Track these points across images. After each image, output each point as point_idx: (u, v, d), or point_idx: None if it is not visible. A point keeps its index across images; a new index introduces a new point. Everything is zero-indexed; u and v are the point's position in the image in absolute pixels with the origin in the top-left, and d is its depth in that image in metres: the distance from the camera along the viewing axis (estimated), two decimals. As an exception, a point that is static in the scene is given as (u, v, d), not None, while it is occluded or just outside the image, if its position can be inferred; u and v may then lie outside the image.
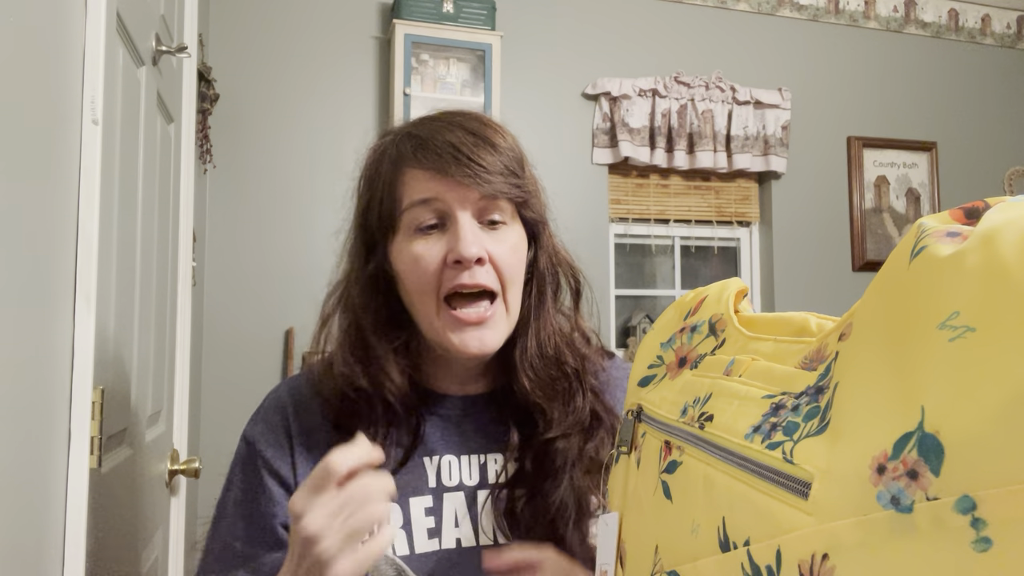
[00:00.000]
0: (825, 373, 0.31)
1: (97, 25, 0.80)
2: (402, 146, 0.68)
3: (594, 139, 2.77)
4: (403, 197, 0.67)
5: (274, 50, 2.47)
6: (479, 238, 0.65)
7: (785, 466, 0.29)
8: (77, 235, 0.78)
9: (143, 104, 1.07)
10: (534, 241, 0.73)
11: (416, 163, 0.66)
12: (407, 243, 0.67)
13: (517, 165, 0.69)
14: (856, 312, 0.30)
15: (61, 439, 0.74)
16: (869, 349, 0.27)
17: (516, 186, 0.67)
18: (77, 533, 0.74)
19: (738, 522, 0.31)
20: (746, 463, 0.31)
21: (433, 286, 0.66)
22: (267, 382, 2.38)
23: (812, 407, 0.30)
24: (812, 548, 0.26)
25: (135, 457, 1.02)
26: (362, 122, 2.53)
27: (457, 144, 0.65)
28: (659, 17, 2.90)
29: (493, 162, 0.66)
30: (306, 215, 2.45)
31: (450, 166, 0.64)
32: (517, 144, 0.70)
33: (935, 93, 3.23)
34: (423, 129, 0.68)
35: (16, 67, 0.62)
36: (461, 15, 2.51)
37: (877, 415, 0.25)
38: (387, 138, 0.72)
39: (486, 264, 0.66)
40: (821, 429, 0.28)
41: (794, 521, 0.27)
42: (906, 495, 0.23)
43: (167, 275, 1.29)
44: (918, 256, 0.26)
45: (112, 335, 0.89)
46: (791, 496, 0.28)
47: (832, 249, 3.01)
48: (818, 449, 0.28)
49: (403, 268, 0.67)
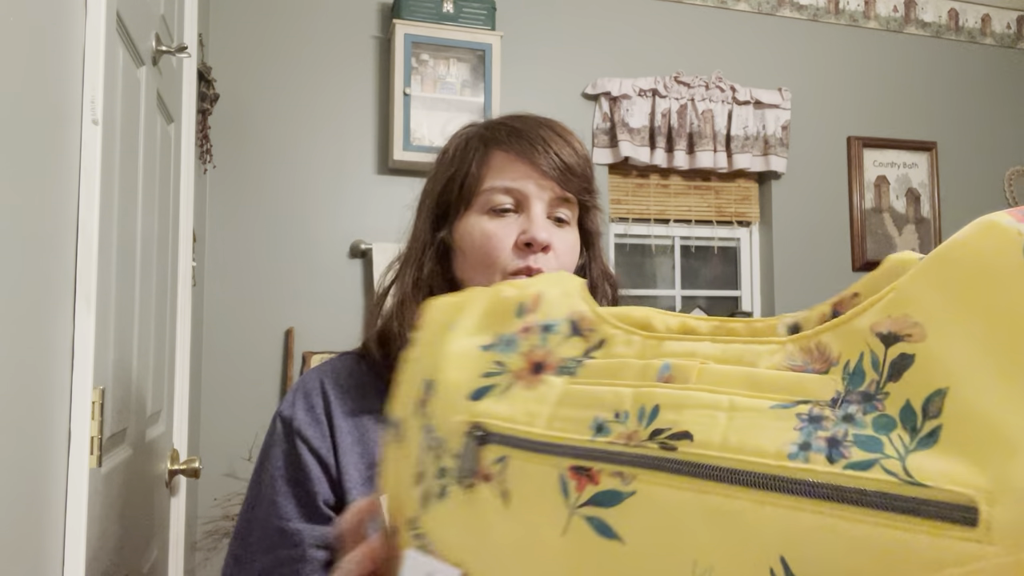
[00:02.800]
0: (856, 376, 0.28)
1: (97, 25, 0.80)
2: (495, 131, 0.73)
3: (594, 139, 2.77)
4: (487, 176, 0.71)
5: (274, 50, 2.47)
6: (549, 228, 0.70)
7: (916, 490, 0.24)
8: (77, 235, 0.78)
9: (143, 104, 1.07)
10: (587, 249, 0.78)
11: (508, 146, 0.71)
12: (479, 220, 0.70)
13: (591, 174, 0.75)
14: (917, 312, 0.27)
15: (61, 439, 0.74)
16: (974, 354, 0.25)
17: (588, 191, 0.74)
18: (77, 533, 0.74)
19: (818, 560, 0.25)
20: (817, 489, 0.26)
21: (500, 264, 0.69)
22: (267, 382, 2.38)
23: (880, 416, 0.26)
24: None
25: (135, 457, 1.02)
26: (362, 122, 2.53)
27: (548, 139, 0.71)
28: (659, 17, 2.90)
29: (574, 164, 0.72)
30: (306, 215, 2.45)
31: (539, 156, 0.70)
32: (591, 158, 0.76)
33: (935, 93, 3.23)
34: (516, 121, 0.74)
35: (16, 67, 0.62)
36: (461, 15, 2.51)
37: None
38: (475, 126, 0.77)
39: (550, 253, 0.70)
40: (927, 443, 0.25)
41: (957, 553, 0.23)
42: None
43: (167, 275, 1.29)
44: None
45: (112, 335, 0.89)
46: (941, 525, 0.23)
47: (832, 249, 3.01)
48: (947, 466, 0.24)
49: (471, 243, 0.70)
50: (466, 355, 0.42)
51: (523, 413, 0.36)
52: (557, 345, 0.39)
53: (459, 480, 0.38)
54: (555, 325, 0.40)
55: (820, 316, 0.33)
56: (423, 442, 0.42)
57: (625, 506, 0.31)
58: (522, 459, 0.35)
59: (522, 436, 0.36)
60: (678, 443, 0.30)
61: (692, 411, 0.31)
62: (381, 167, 2.52)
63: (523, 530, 0.34)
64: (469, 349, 0.42)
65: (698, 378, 0.32)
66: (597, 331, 0.38)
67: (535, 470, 0.34)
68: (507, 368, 0.40)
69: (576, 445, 0.33)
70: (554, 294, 0.42)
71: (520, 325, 0.41)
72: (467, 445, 0.38)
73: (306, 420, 0.70)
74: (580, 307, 0.40)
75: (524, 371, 0.39)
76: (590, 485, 0.32)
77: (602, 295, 0.79)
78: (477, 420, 0.38)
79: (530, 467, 0.35)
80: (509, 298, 0.43)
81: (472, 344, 0.42)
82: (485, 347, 0.41)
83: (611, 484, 0.31)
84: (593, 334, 0.38)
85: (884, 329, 0.28)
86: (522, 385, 0.38)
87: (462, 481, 0.38)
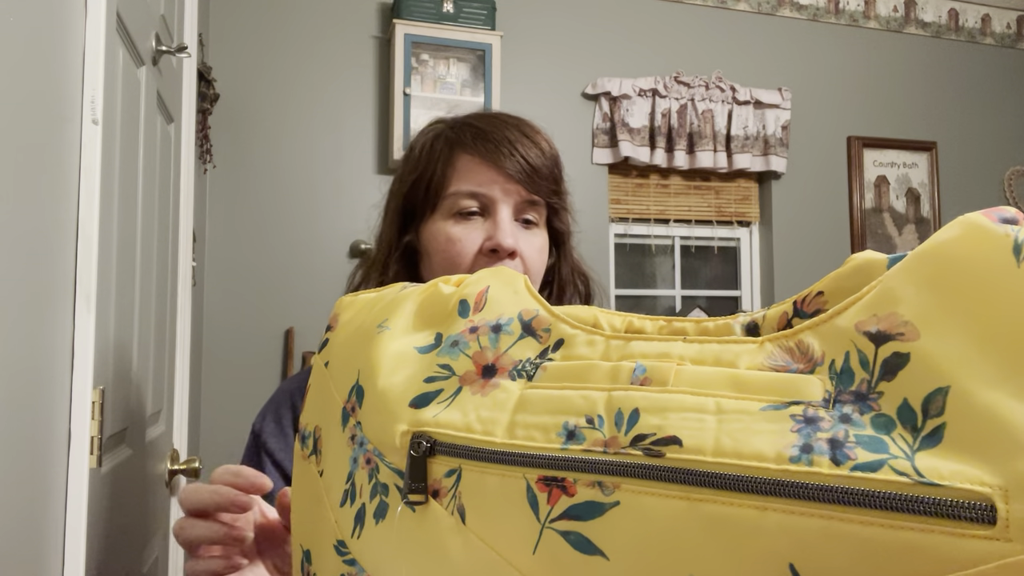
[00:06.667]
0: (845, 375, 0.27)
1: (97, 25, 0.80)
2: (460, 132, 0.71)
3: (594, 139, 2.77)
4: (452, 180, 0.69)
5: (274, 50, 2.47)
6: (515, 231, 0.69)
7: (929, 490, 0.23)
8: (77, 235, 0.78)
9: (143, 104, 1.07)
10: (557, 249, 0.76)
11: (473, 150, 0.69)
12: (445, 224, 0.69)
13: (559, 174, 0.73)
14: (907, 311, 0.27)
15: (61, 439, 0.74)
16: (973, 352, 0.25)
17: (555, 193, 0.72)
18: (77, 533, 0.74)
19: (829, 565, 0.24)
20: (825, 492, 0.25)
21: (463, 269, 0.68)
22: (267, 382, 2.38)
23: (877, 416, 0.26)
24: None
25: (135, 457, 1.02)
26: (362, 122, 2.53)
27: (513, 141, 0.69)
28: (659, 17, 2.90)
29: (541, 166, 0.70)
30: (306, 215, 2.45)
31: (505, 159, 0.68)
32: (559, 157, 0.74)
33: (935, 93, 3.23)
34: (482, 122, 0.72)
35: (16, 67, 0.62)
36: (461, 15, 2.51)
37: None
38: (441, 124, 0.75)
39: (517, 259, 0.68)
40: (931, 442, 0.24)
41: (976, 552, 0.22)
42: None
43: (167, 275, 1.29)
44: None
45: (112, 335, 0.89)
46: (957, 524, 0.23)
47: (832, 249, 3.01)
48: (957, 465, 0.23)
49: (436, 247, 0.69)
50: (402, 357, 0.38)
51: (478, 420, 0.33)
52: (509, 346, 0.36)
53: (403, 497, 0.34)
54: (505, 325, 0.37)
55: (781, 315, 0.31)
56: (353, 456, 0.38)
57: (607, 518, 0.28)
58: (478, 471, 0.32)
59: (478, 446, 0.32)
60: (665, 449, 0.28)
61: (677, 415, 0.29)
62: (381, 167, 2.52)
63: (485, 550, 0.31)
64: (405, 351, 0.38)
65: (676, 380, 0.30)
66: (553, 331, 0.35)
67: (496, 483, 0.31)
68: (453, 371, 0.36)
69: (545, 454, 0.31)
70: (501, 291, 0.38)
71: (465, 325, 0.37)
72: (411, 458, 0.34)
73: (271, 431, 0.72)
74: (531, 305, 0.37)
75: (473, 374, 0.35)
76: (564, 497, 0.30)
77: (573, 293, 0.78)
78: (422, 429, 0.34)
79: (490, 480, 0.32)
80: (447, 295, 0.39)
81: (407, 345, 0.38)
82: (423, 348, 0.38)
83: (589, 495, 0.29)
84: (549, 334, 0.35)
85: (872, 328, 0.27)
86: (472, 390, 0.35)
87: (407, 498, 0.34)
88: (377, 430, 0.37)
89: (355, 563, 0.36)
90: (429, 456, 0.34)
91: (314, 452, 0.42)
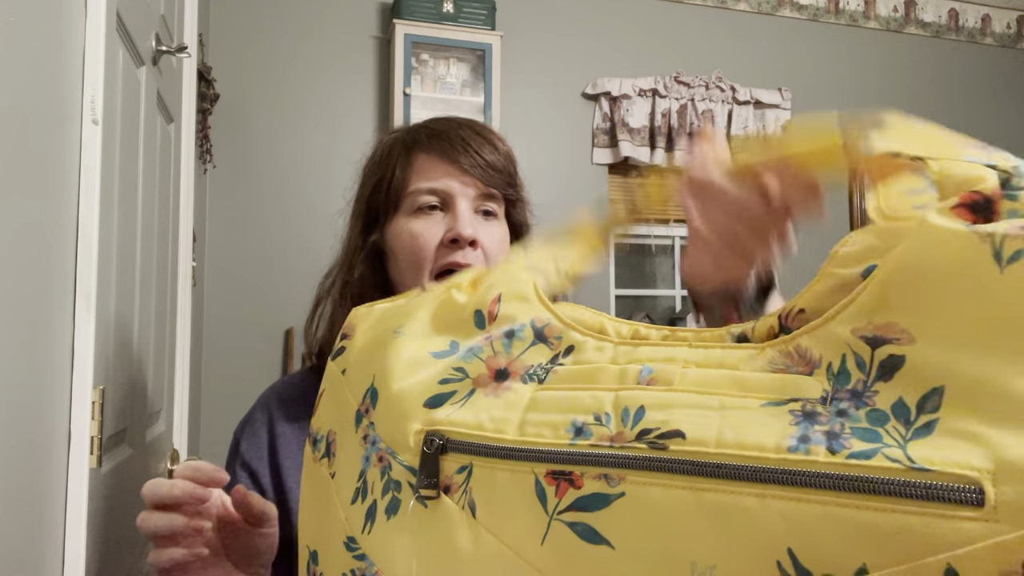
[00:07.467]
0: (842, 376, 0.29)
1: (97, 25, 0.80)
2: (416, 135, 0.75)
3: (594, 139, 2.77)
4: (411, 179, 0.73)
5: (274, 50, 2.47)
6: (475, 223, 0.71)
7: (920, 475, 0.25)
8: (77, 235, 0.78)
9: (143, 104, 1.07)
10: (517, 240, 0.78)
11: (429, 149, 0.73)
12: (407, 222, 0.72)
13: (513, 169, 0.77)
14: (901, 318, 0.28)
15: (61, 439, 0.74)
16: (965, 352, 0.26)
17: (511, 186, 0.75)
18: (77, 533, 0.74)
19: (825, 549, 0.25)
20: (821, 479, 0.26)
21: (427, 262, 0.70)
22: (267, 382, 2.37)
23: (872, 411, 0.27)
24: (1017, 557, 0.22)
25: (135, 457, 1.02)
26: (362, 122, 2.53)
27: (467, 138, 0.73)
28: (659, 17, 2.90)
29: (495, 161, 0.73)
30: (306, 215, 2.45)
31: (460, 155, 0.71)
32: (513, 154, 0.78)
33: (935, 93, 3.23)
34: (436, 124, 0.76)
35: (16, 67, 0.62)
36: (461, 15, 2.51)
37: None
38: (397, 131, 0.79)
39: (478, 249, 0.71)
40: (922, 432, 0.26)
41: (966, 533, 0.23)
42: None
43: (167, 275, 1.29)
44: (1017, 262, 0.25)
45: (112, 335, 0.89)
46: (948, 507, 0.24)
47: (831, 249, 3.01)
48: (947, 452, 0.25)
49: (400, 244, 0.72)
50: (417, 361, 0.39)
51: (489, 420, 0.35)
52: (521, 352, 0.37)
53: (415, 492, 0.35)
54: (518, 331, 0.38)
55: (768, 328, 0.33)
56: (365, 455, 0.39)
57: (613, 509, 0.30)
58: (489, 467, 0.33)
59: (489, 443, 0.34)
60: (668, 442, 0.29)
61: (681, 410, 0.30)
62: (381, 167, 2.52)
63: (495, 542, 0.32)
64: (420, 355, 0.39)
65: (681, 381, 0.31)
66: (565, 338, 0.37)
67: (506, 478, 0.33)
68: (467, 374, 0.38)
69: (553, 449, 0.32)
70: (511, 300, 0.39)
71: (482, 336, 0.39)
72: (424, 454, 0.35)
73: (246, 437, 0.76)
74: (542, 313, 0.38)
75: (486, 377, 0.37)
76: (571, 489, 0.31)
77: None
78: (435, 428, 0.36)
79: (500, 475, 0.33)
80: (462, 304, 0.40)
81: (422, 350, 0.40)
82: (438, 354, 0.39)
83: (595, 487, 0.30)
84: (560, 342, 0.37)
85: (868, 333, 0.29)
86: (485, 392, 0.36)
87: (419, 493, 0.35)
88: (391, 429, 0.38)
89: (365, 558, 0.37)
90: (441, 453, 0.35)
91: (326, 455, 0.43)
